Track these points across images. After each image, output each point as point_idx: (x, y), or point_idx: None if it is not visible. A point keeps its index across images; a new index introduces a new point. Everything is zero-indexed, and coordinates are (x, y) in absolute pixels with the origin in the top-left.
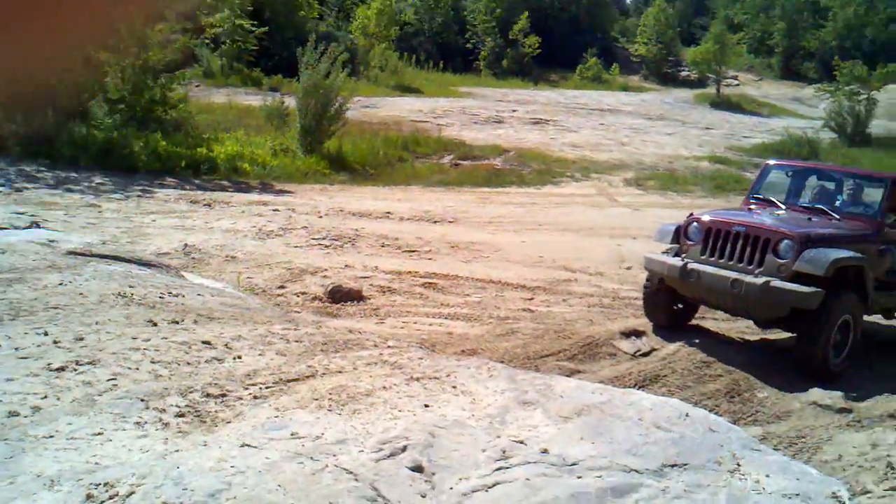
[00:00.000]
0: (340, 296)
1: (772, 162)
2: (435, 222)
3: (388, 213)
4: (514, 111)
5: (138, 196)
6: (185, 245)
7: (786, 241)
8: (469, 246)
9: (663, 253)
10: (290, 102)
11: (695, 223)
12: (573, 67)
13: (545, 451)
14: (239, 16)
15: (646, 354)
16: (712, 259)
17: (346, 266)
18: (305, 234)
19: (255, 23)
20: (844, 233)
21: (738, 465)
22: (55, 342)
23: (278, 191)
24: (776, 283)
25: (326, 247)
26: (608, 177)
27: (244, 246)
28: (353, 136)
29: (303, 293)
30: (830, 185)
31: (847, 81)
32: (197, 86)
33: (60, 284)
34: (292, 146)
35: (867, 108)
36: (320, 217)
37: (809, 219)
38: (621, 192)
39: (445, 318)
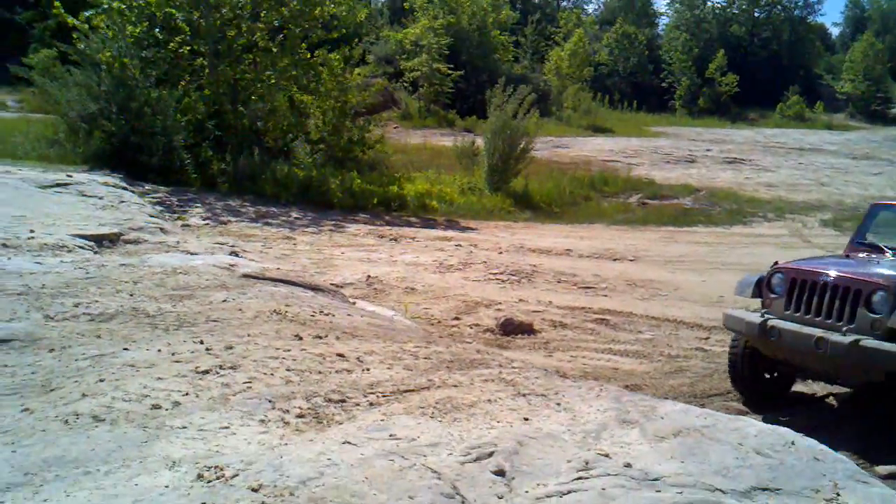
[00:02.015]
0: (512, 328)
1: (881, 202)
2: (615, 260)
3: (569, 250)
4: (707, 150)
5: (330, 230)
6: (368, 276)
7: (880, 291)
8: (647, 284)
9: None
10: (480, 142)
11: (778, 273)
12: (773, 106)
13: (628, 466)
14: (436, 60)
15: (823, 398)
16: (797, 314)
17: (521, 300)
18: (484, 269)
19: (452, 66)
20: None
21: (838, 494)
22: (207, 349)
23: (462, 227)
24: (868, 342)
25: (503, 281)
26: (803, 217)
27: (424, 278)
28: (541, 175)
29: (476, 325)
30: None
31: None
32: (395, 127)
33: (224, 301)
34: (480, 184)
35: None
36: (500, 253)
37: None
38: (816, 233)
39: (615, 354)
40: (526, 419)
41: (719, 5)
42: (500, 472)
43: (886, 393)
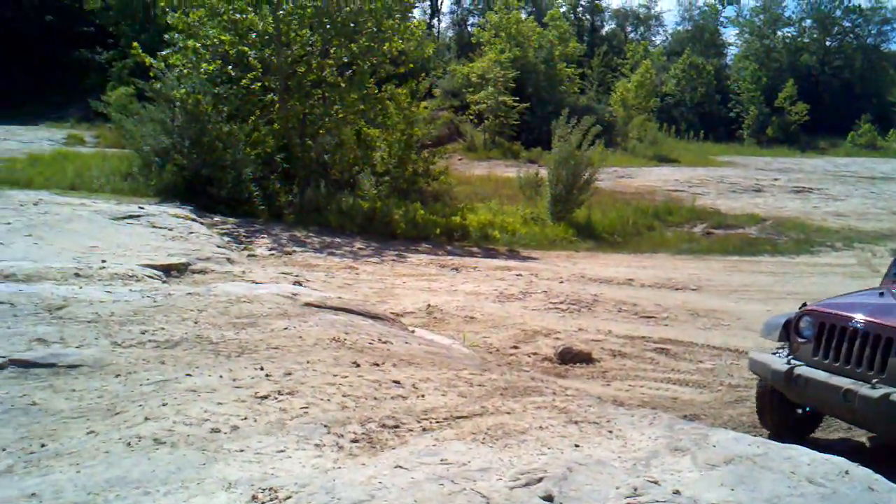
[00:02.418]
0: (570, 357)
1: None
2: (677, 289)
3: (630, 279)
4: (775, 180)
5: (393, 260)
6: (428, 305)
7: None
8: (709, 314)
9: (775, 352)
10: (544, 173)
11: (806, 317)
12: (844, 135)
13: (677, 493)
14: (503, 93)
15: None
16: (826, 362)
17: (580, 329)
18: (544, 298)
19: (517, 98)
20: None
21: None
22: (267, 375)
23: (524, 257)
24: None
25: (563, 310)
26: (872, 247)
27: (483, 307)
28: (605, 205)
29: (534, 353)
30: None
31: None
32: (460, 159)
33: (285, 329)
34: (543, 215)
35: None
36: (561, 283)
37: None
38: (886, 262)
39: (674, 383)
40: (577, 446)
41: (790, 35)
42: (549, 498)
43: None
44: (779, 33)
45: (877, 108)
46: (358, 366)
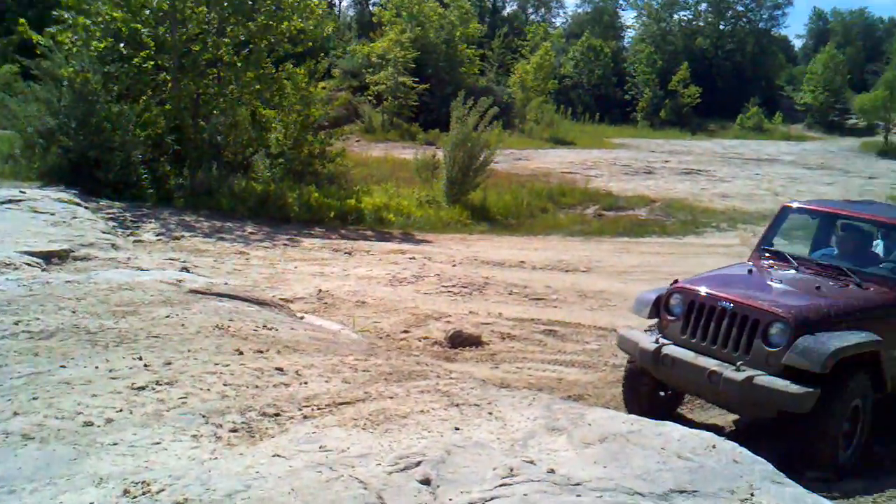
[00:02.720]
0: (460, 341)
1: (792, 204)
2: (567, 271)
3: (522, 262)
4: (666, 162)
5: (285, 244)
6: (319, 290)
7: (777, 323)
8: (598, 295)
9: (648, 330)
10: (441, 155)
11: (676, 294)
12: (734, 117)
13: (552, 471)
14: (402, 73)
15: None
16: (693, 341)
17: (471, 312)
18: (436, 282)
19: (417, 80)
20: (860, 304)
21: (752, 494)
22: (146, 365)
23: (418, 240)
24: (761, 378)
25: (455, 294)
26: (755, 227)
27: (375, 292)
28: (500, 187)
29: (425, 338)
30: (861, 234)
31: None
32: (357, 141)
33: (167, 317)
34: (438, 197)
35: None
36: (454, 265)
37: (819, 287)
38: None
39: (561, 364)
40: (457, 429)
41: (685, 18)
42: (426, 481)
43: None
44: (675, 16)
45: (765, 92)
46: (241, 353)
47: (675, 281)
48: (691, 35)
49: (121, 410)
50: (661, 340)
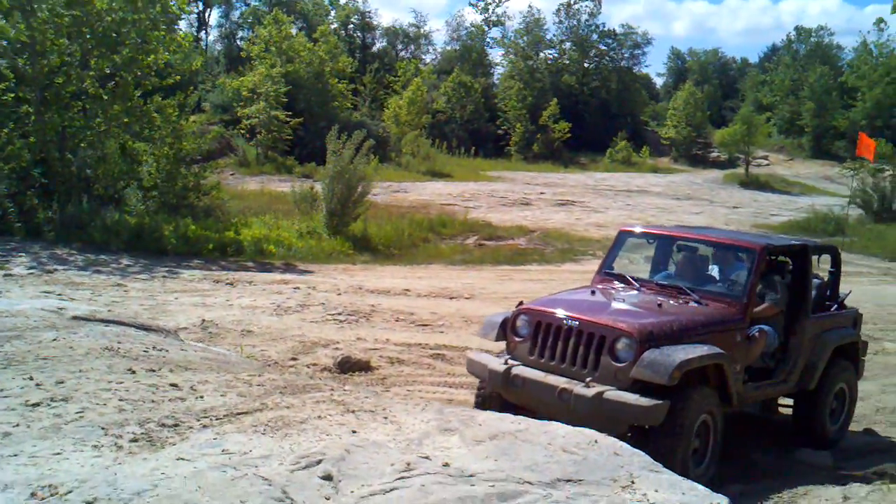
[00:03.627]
0: (349, 366)
1: (631, 229)
2: (451, 298)
3: (407, 290)
4: (541, 193)
5: (164, 276)
6: (203, 320)
7: (623, 339)
8: (482, 320)
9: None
10: (319, 188)
11: (522, 315)
12: (603, 151)
13: (446, 465)
14: (274, 107)
15: None
16: (542, 361)
17: (358, 339)
18: (322, 310)
19: (290, 113)
20: (701, 320)
21: (633, 482)
22: (37, 385)
23: (301, 271)
24: (611, 393)
25: (341, 321)
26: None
27: (261, 321)
28: (381, 219)
29: (313, 364)
30: (698, 256)
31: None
32: (231, 174)
33: (54, 340)
34: (319, 229)
35: (892, 185)
36: (339, 294)
37: (660, 304)
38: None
39: (450, 386)
40: (354, 432)
41: (552, 56)
42: (328, 477)
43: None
44: (542, 54)
45: (631, 127)
46: (133, 372)
47: (521, 303)
48: (558, 72)
49: (17, 425)
50: (511, 361)
